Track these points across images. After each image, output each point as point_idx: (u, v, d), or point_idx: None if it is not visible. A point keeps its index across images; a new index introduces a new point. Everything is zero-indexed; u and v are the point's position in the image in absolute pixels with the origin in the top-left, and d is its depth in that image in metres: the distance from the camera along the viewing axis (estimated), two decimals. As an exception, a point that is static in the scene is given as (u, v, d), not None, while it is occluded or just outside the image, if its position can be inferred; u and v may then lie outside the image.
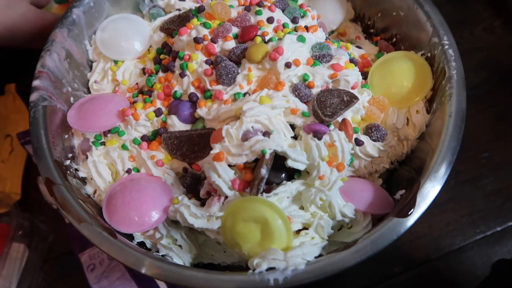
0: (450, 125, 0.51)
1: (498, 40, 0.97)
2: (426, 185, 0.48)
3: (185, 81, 0.58)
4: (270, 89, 0.54)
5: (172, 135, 0.56)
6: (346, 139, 0.52)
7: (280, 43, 0.54)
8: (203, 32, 0.58)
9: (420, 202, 0.48)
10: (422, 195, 0.48)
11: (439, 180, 0.49)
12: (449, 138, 0.50)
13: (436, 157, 0.50)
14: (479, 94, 0.91)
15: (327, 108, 0.53)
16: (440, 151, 0.50)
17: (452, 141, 0.50)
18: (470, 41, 0.97)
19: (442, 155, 0.49)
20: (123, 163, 0.57)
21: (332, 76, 0.55)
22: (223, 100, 0.55)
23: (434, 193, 0.48)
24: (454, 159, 0.50)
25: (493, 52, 0.95)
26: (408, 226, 0.47)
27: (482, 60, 0.94)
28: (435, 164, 0.49)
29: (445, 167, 0.49)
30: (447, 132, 0.51)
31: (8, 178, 0.82)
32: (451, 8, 1.02)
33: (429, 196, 0.48)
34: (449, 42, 0.56)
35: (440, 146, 0.50)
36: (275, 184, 0.52)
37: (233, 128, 0.50)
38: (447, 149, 0.50)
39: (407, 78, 0.59)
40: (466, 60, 0.93)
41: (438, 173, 0.49)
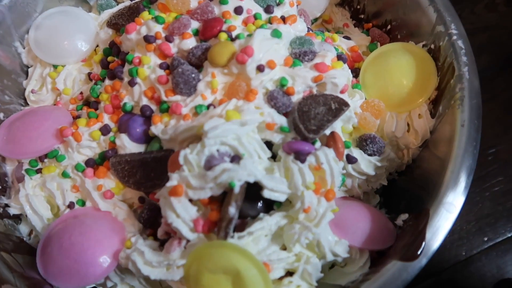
0: (463, 138, 0.41)
1: (501, 19, 0.86)
2: (437, 215, 0.39)
3: (135, 90, 0.47)
4: (240, 99, 0.43)
5: (122, 160, 0.45)
6: (335, 158, 0.42)
7: (250, 40, 0.43)
8: (155, 28, 0.47)
9: (431, 238, 0.38)
10: (432, 228, 0.38)
11: (453, 209, 0.39)
12: (462, 155, 0.40)
13: (447, 179, 0.40)
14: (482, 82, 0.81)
15: (311, 121, 0.42)
16: (452, 171, 0.40)
17: (466, 158, 0.40)
18: (470, 21, 0.86)
19: (455, 176, 0.40)
20: (64, 196, 0.46)
21: (317, 79, 0.45)
22: (181, 114, 0.44)
23: (448, 225, 0.39)
24: (470, 181, 0.40)
25: (496, 32, 0.85)
26: (417, 269, 0.37)
27: (485, 42, 0.84)
28: (446, 188, 0.39)
29: (460, 191, 0.40)
30: (460, 146, 0.41)
31: None
32: (449, -16, 0.91)
33: (442, 230, 0.39)
34: (458, 31, 0.46)
35: (452, 164, 0.41)
36: (250, 218, 0.42)
37: (193, 153, 0.40)
38: (460, 168, 0.40)
39: (406, 76, 0.49)
40: (466, 42, 0.85)
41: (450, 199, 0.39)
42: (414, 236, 0.39)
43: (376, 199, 0.52)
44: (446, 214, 0.39)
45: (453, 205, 0.39)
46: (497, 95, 0.79)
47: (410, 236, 0.40)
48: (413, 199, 0.47)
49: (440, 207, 0.39)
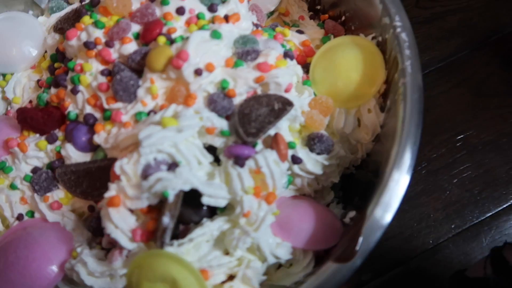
0: (403, 134, 0.40)
1: (472, 0, 0.84)
2: (373, 216, 0.38)
3: (79, 98, 0.46)
4: (179, 104, 0.43)
5: (68, 170, 0.45)
6: (277, 161, 0.42)
7: (185, 44, 0.42)
8: (95, 34, 0.46)
9: (367, 237, 0.38)
10: (368, 229, 0.38)
11: (389, 209, 0.39)
12: (401, 151, 0.40)
13: (386, 178, 0.40)
14: (452, 66, 0.80)
15: (251, 123, 0.42)
16: (390, 169, 0.40)
17: (406, 153, 0.40)
18: (441, 3, 0.85)
19: (393, 176, 0.39)
20: (12, 208, 0.46)
21: (258, 80, 0.44)
22: (122, 122, 0.43)
23: (384, 226, 0.39)
24: (410, 173, 0.40)
25: (467, 14, 0.83)
26: (352, 270, 0.38)
27: (455, 24, 0.83)
28: (384, 189, 0.39)
29: (397, 192, 0.39)
30: (400, 143, 0.40)
31: None
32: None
33: (378, 231, 0.38)
34: (402, 23, 0.44)
35: (391, 161, 0.40)
36: (193, 224, 0.42)
37: (129, 163, 0.39)
38: (400, 163, 0.40)
39: (354, 70, 0.48)
40: (437, 26, 0.83)
41: (387, 199, 0.39)
42: (350, 238, 0.39)
43: (331, 195, 0.52)
44: (383, 214, 0.39)
45: (390, 206, 0.39)
46: (467, 79, 0.78)
47: (347, 237, 0.40)
48: (368, 192, 0.47)
49: (377, 208, 0.39)
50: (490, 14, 0.83)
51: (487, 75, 0.79)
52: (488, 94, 0.77)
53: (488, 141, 0.74)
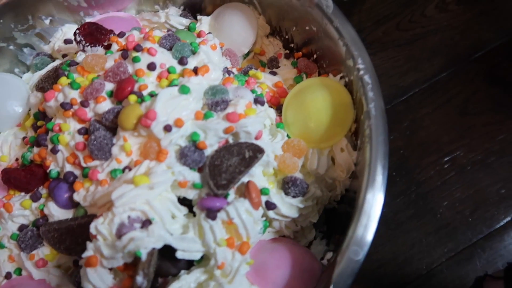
0: (369, 177, 0.41)
1: (452, 19, 0.85)
2: (343, 263, 0.39)
3: (59, 157, 0.48)
4: (152, 160, 0.44)
5: (51, 228, 0.47)
6: (249, 210, 0.43)
7: (153, 103, 0.44)
8: (71, 95, 0.48)
9: (337, 284, 0.38)
10: (338, 278, 0.39)
11: (359, 253, 0.39)
12: (364, 197, 0.40)
13: (354, 222, 0.40)
14: (436, 86, 0.80)
15: (222, 175, 0.43)
16: (358, 215, 0.40)
17: (369, 200, 0.40)
18: (421, 24, 0.86)
19: (361, 221, 0.40)
20: (0, 267, 0.48)
21: (228, 131, 0.45)
22: (99, 180, 0.45)
23: (353, 271, 0.39)
24: (376, 223, 0.41)
25: (449, 34, 0.84)
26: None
27: (436, 45, 0.83)
28: (352, 234, 0.40)
29: (364, 236, 0.40)
30: (366, 186, 0.41)
31: None
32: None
33: (347, 278, 0.39)
34: (364, 65, 0.45)
35: (358, 207, 0.41)
36: (171, 276, 0.43)
37: (104, 223, 0.41)
38: (362, 212, 0.40)
39: (324, 111, 0.49)
40: (418, 47, 0.84)
41: (355, 247, 0.40)
42: (323, 284, 0.39)
43: (312, 233, 0.52)
44: (350, 259, 0.39)
45: (358, 251, 0.39)
46: (452, 98, 0.79)
47: (321, 283, 0.41)
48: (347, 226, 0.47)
49: (346, 253, 0.39)
50: (470, 32, 0.83)
51: (472, 93, 0.79)
52: (474, 113, 0.77)
53: (476, 161, 0.73)
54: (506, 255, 0.67)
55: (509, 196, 0.70)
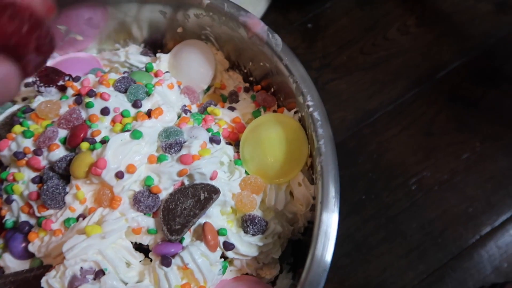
0: (321, 215, 0.41)
1: (414, 41, 0.88)
2: None
3: (13, 207, 0.48)
4: (106, 207, 0.44)
5: (7, 281, 0.46)
6: (205, 253, 0.43)
7: (104, 151, 0.44)
8: (24, 144, 0.48)
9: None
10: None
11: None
12: (317, 235, 0.41)
13: (309, 259, 0.40)
14: (401, 108, 0.82)
15: (176, 219, 0.43)
16: (314, 243, 0.40)
17: (321, 239, 0.40)
18: (384, 47, 0.88)
19: (313, 264, 0.40)
20: (-45, 325, 0.47)
21: (181, 173, 0.45)
22: (52, 230, 0.44)
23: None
24: (332, 252, 0.41)
25: (411, 55, 0.86)
26: None
27: (399, 67, 0.85)
28: (311, 262, 0.40)
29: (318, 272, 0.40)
30: (320, 226, 0.41)
31: None
32: (360, 12, 0.93)
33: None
34: (313, 102, 0.46)
35: (314, 236, 0.41)
36: (127, 327, 0.42)
37: (56, 277, 0.40)
38: (321, 249, 0.41)
39: (279, 147, 0.50)
40: (382, 70, 0.86)
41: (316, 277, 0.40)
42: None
43: (277, 268, 0.52)
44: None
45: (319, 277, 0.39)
46: (416, 120, 0.80)
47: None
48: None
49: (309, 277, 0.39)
50: (432, 53, 0.86)
51: (436, 113, 0.80)
52: (439, 133, 0.79)
53: (443, 181, 0.74)
54: (476, 275, 0.68)
55: (476, 215, 0.71)
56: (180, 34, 0.65)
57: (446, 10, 0.90)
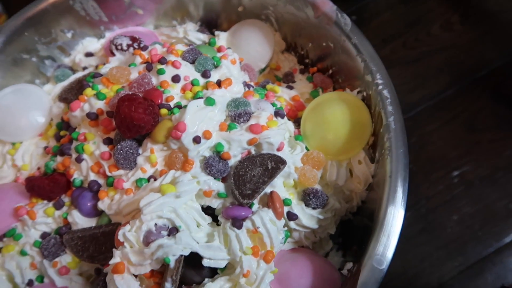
0: (390, 188, 0.42)
1: (457, 38, 0.88)
2: (366, 270, 0.40)
3: (83, 166, 0.49)
4: (177, 170, 0.45)
5: (74, 236, 0.47)
6: (273, 219, 0.44)
7: (182, 115, 0.45)
8: (97, 105, 0.50)
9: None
10: (362, 285, 0.40)
11: (381, 263, 0.40)
12: (386, 206, 0.41)
13: (377, 232, 0.41)
14: (442, 103, 0.82)
15: (246, 185, 0.44)
16: (381, 221, 0.41)
17: (390, 210, 0.41)
18: (427, 43, 0.88)
19: (382, 229, 0.41)
20: (23, 275, 0.48)
21: (251, 142, 0.46)
22: (124, 189, 0.46)
23: (377, 279, 0.40)
24: (399, 233, 0.42)
25: (454, 52, 0.87)
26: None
27: (442, 62, 0.86)
28: (375, 243, 0.41)
29: (387, 245, 0.41)
30: (389, 198, 0.42)
31: None
32: (404, 8, 0.93)
33: (371, 285, 0.40)
34: (383, 80, 0.47)
35: (381, 214, 0.42)
36: (195, 284, 0.43)
37: (132, 230, 0.41)
38: (389, 220, 0.41)
39: (343, 125, 0.51)
40: (425, 64, 0.87)
41: (379, 253, 0.41)
42: None
43: (329, 244, 0.53)
44: (374, 268, 0.40)
45: (381, 260, 0.40)
46: (458, 115, 0.81)
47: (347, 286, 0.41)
48: (366, 238, 0.48)
49: (369, 262, 0.40)
50: (475, 50, 0.86)
51: (478, 110, 0.81)
52: (480, 129, 0.79)
53: (484, 176, 0.75)
54: (516, 270, 0.68)
55: (517, 211, 0.72)
56: (236, 14, 0.66)
57: (491, 9, 0.90)
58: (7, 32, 0.57)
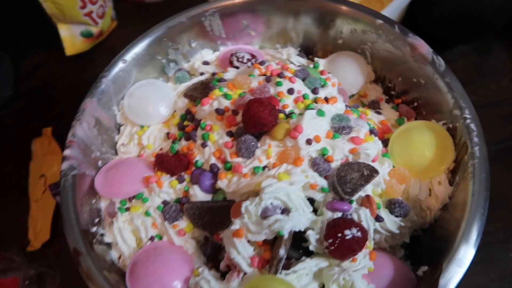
0: (473, 206, 0.50)
1: (525, 91, 0.94)
2: (449, 269, 0.47)
3: (206, 151, 0.60)
4: (289, 164, 0.55)
5: (194, 206, 0.57)
6: (371, 217, 0.52)
7: (300, 120, 0.55)
8: (225, 103, 0.60)
9: (443, 286, 0.46)
10: (444, 279, 0.47)
11: (462, 265, 0.47)
12: (471, 220, 0.49)
13: (459, 239, 0.49)
14: (506, 149, 0.88)
15: (347, 184, 0.53)
16: (464, 232, 0.49)
17: (476, 222, 0.49)
18: (497, 92, 0.95)
19: (466, 237, 0.48)
20: (146, 231, 0.59)
21: (352, 151, 0.55)
22: (242, 173, 0.56)
23: (458, 277, 0.47)
24: (479, 241, 0.49)
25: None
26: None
27: (510, 112, 0.92)
28: (458, 247, 0.48)
29: (470, 249, 0.48)
30: (471, 213, 0.50)
31: (40, 218, 0.85)
32: (476, 58, 1.01)
33: (452, 282, 0.47)
34: (471, 116, 0.56)
35: (463, 226, 0.49)
36: (294, 259, 0.52)
37: (252, 205, 0.51)
38: (471, 230, 0.49)
39: (428, 149, 0.59)
40: (492, 112, 0.93)
41: (461, 256, 0.48)
42: (429, 285, 0.47)
43: (401, 252, 0.60)
44: (456, 268, 0.47)
45: (462, 262, 0.47)
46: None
47: (426, 284, 0.48)
48: (435, 254, 0.55)
49: (452, 262, 0.47)
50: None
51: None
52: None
53: (541, 220, 0.79)
54: None
55: None
56: (332, 45, 0.76)
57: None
58: (153, 36, 0.70)
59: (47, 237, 0.86)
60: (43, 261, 0.85)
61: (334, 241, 0.48)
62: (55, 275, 0.84)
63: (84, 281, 0.81)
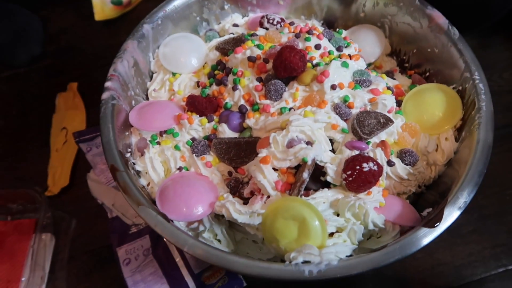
0: (478, 151, 0.55)
1: (526, 85, 1.01)
2: (450, 204, 0.52)
3: (236, 94, 0.65)
4: (314, 106, 0.60)
5: (221, 141, 0.63)
6: (385, 158, 0.57)
7: (327, 67, 0.61)
8: (257, 52, 0.66)
9: (445, 217, 0.52)
10: (446, 214, 0.52)
11: (461, 205, 0.53)
12: (476, 162, 0.54)
13: (462, 180, 0.54)
14: (505, 134, 0.94)
15: (365, 127, 0.58)
16: (466, 174, 0.54)
17: (478, 164, 0.54)
18: (498, 84, 1.01)
19: (469, 178, 0.54)
20: (175, 162, 0.63)
21: (371, 100, 0.61)
22: (270, 112, 0.61)
23: (457, 214, 0.52)
24: (480, 181, 0.54)
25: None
26: (433, 237, 0.51)
27: (510, 102, 0.99)
28: (460, 186, 0.53)
29: (471, 189, 0.53)
30: (475, 156, 0.55)
31: (59, 166, 0.90)
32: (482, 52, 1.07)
33: (452, 217, 0.52)
34: (479, 77, 0.61)
35: (466, 169, 0.54)
36: (312, 190, 0.57)
37: (279, 136, 0.56)
38: (474, 172, 0.54)
39: (438, 108, 0.64)
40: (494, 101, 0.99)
41: (464, 193, 0.53)
42: (434, 214, 0.52)
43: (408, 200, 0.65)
44: (456, 211, 0.52)
45: (464, 203, 0.52)
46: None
47: (431, 215, 0.54)
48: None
49: (454, 198, 0.53)
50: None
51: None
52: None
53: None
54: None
55: None
56: (353, 20, 0.82)
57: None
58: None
59: (67, 182, 0.90)
60: (60, 206, 0.89)
61: (352, 173, 0.54)
62: (71, 220, 0.88)
63: (98, 228, 0.86)
